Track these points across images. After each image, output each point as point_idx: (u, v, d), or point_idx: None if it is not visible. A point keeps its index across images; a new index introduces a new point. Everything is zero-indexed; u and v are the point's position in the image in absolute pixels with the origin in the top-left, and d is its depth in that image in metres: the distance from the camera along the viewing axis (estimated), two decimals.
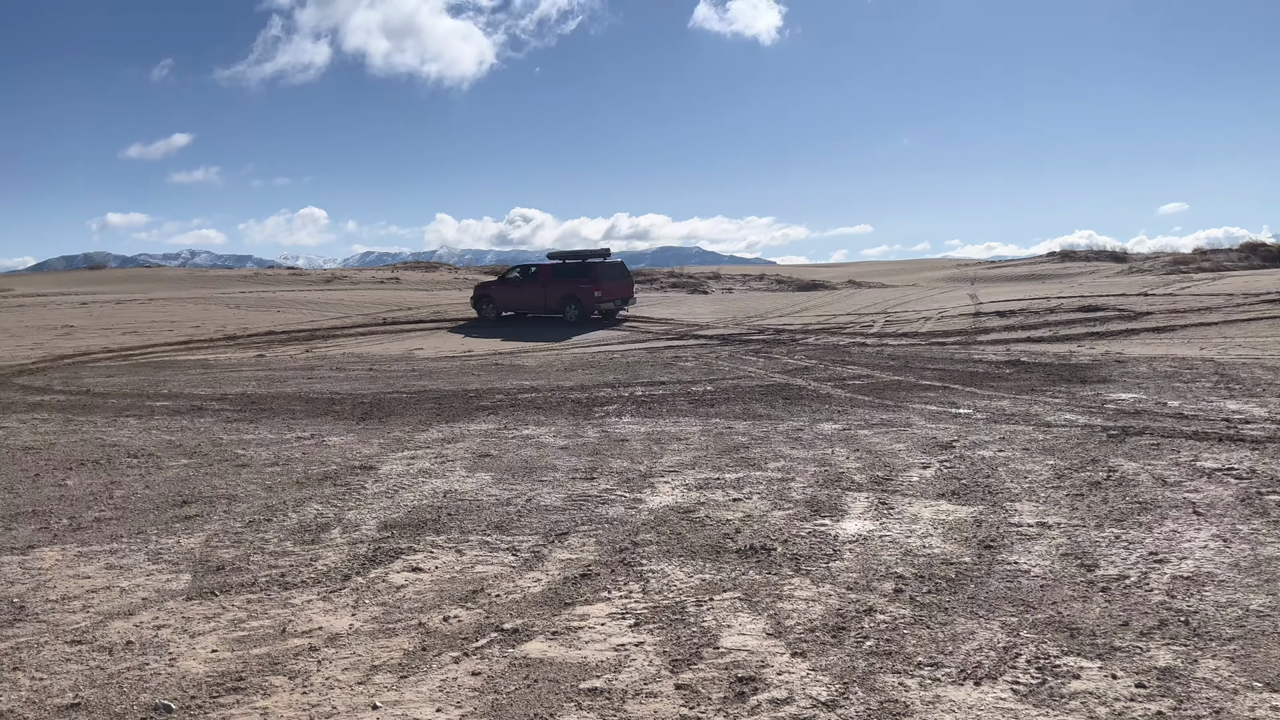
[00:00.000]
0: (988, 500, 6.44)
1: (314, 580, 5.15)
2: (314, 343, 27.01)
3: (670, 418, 10.86)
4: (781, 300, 37.00)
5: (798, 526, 5.93)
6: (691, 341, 23.13)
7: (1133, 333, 20.00)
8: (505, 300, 28.56)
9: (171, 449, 9.58)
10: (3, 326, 30.98)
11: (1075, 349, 17.72)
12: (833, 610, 4.40)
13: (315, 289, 43.64)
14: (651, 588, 4.83)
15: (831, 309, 31.37)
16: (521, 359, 19.93)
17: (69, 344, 26.60)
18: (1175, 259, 41.47)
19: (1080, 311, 23.35)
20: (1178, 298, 24.71)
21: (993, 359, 16.36)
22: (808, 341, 22.24)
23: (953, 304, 28.33)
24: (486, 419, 11.21)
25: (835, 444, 8.79)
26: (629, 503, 6.71)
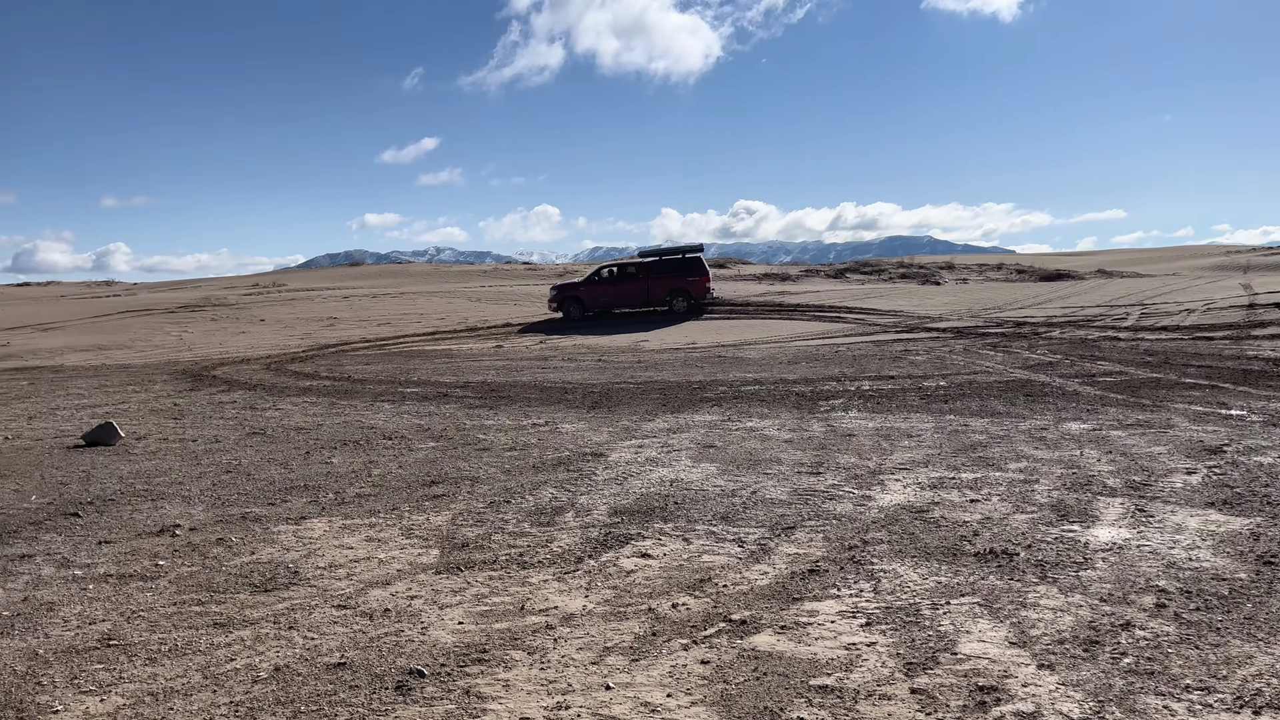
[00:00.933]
0: (1266, 512, 5.78)
1: (550, 561, 5.36)
2: (548, 334, 28.22)
3: (900, 413, 10.51)
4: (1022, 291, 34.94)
5: (1043, 531, 5.57)
6: (922, 334, 22.29)
7: None
8: (596, 299, 30.12)
9: (421, 432, 10.28)
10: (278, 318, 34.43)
11: None
12: (1084, 622, 4.09)
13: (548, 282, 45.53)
14: (883, 588, 4.68)
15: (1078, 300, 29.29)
16: (744, 352, 19.93)
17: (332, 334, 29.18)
18: None
19: None
20: None
21: (1271, 355, 14.71)
22: (1051, 335, 20.88)
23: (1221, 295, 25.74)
24: (710, 410, 11.29)
25: (1084, 445, 8.19)
26: (857, 499, 6.54)
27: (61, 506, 7.08)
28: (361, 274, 69.22)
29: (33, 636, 4.43)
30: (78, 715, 3.61)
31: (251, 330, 30.19)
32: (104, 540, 6.11)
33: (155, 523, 6.52)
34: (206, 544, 5.94)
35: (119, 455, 9.31)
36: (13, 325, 33.78)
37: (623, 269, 30.84)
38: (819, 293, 37.72)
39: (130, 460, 9.00)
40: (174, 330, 30.46)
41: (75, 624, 4.58)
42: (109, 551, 5.85)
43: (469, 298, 41.52)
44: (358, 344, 26.49)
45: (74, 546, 5.99)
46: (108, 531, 6.34)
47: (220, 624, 4.51)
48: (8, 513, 6.95)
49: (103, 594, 5.03)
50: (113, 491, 7.57)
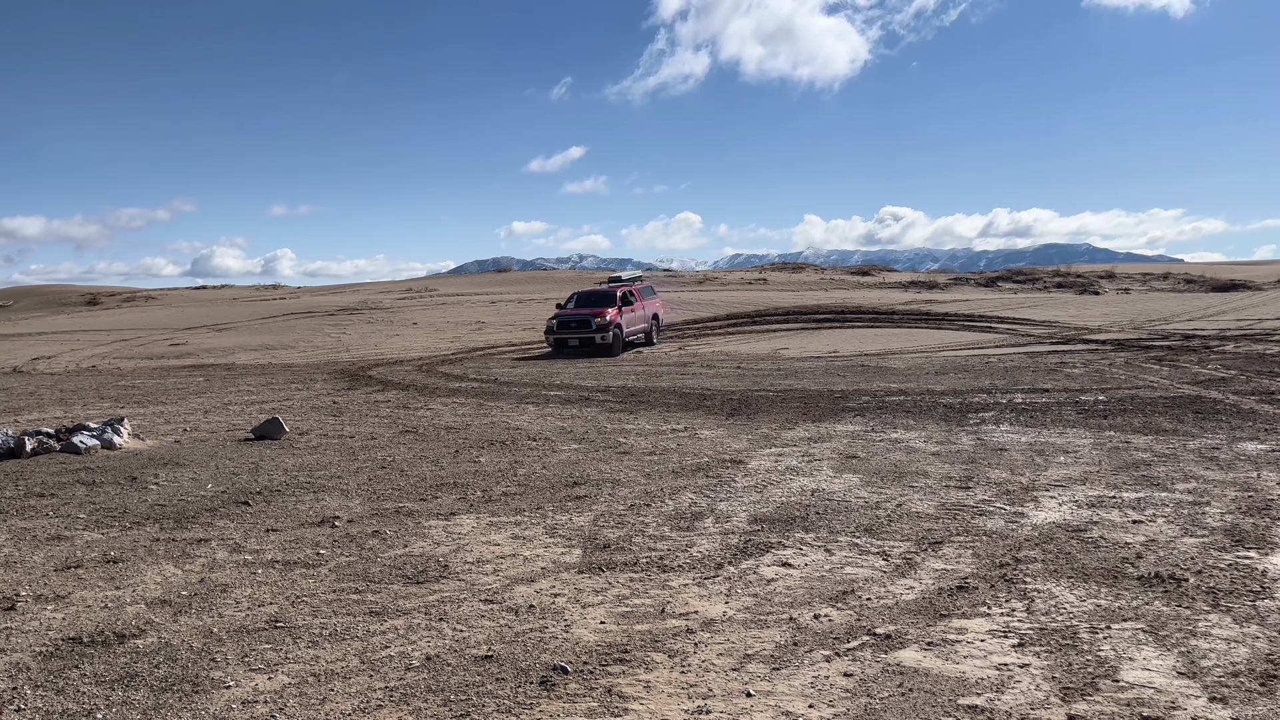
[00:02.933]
0: None
1: (690, 565, 5.38)
2: (685, 340, 28.32)
3: (1055, 428, 10.05)
4: (1191, 302, 32.87)
5: (1215, 557, 5.22)
6: (1080, 346, 21.26)
7: None
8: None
9: (564, 434, 10.50)
10: (429, 321, 35.81)
11: None
12: (1261, 655, 3.81)
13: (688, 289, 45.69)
14: (1037, 608, 4.48)
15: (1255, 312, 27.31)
16: (888, 361, 19.47)
17: (480, 338, 30.14)
18: None
19: None
20: None
21: None
22: (1224, 349, 19.54)
23: None
24: (853, 420, 11.08)
25: (1262, 466, 7.63)
26: (1009, 516, 6.29)
27: (234, 495, 7.57)
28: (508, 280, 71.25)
29: (208, 615, 4.75)
30: (247, 691, 3.85)
31: (404, 333, 31.51)
32: (271, 528, 6.50)
33: (316, 513, 6.89)
34: (363, 535, 6.23)
35: (284, 449, 9.88)
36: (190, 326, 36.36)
37: (592, 296, 25.84)
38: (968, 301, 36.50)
39: (294, 454, 9.54)
40: (333, 332, 32.12)
41: (246, 606, 4.88)
42: (275, 539, 6.21)
43: None
44: (504, 347, 27.27)
45: (245, 533, 6.39)
46: (274, 520, 6.74)
47: (376, 612, 4.72)
48: (186, 500, 7.47)
49: (270, 579, 5.34)
50: (279, 483, 8.04)
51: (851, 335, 26.78)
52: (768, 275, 57.38)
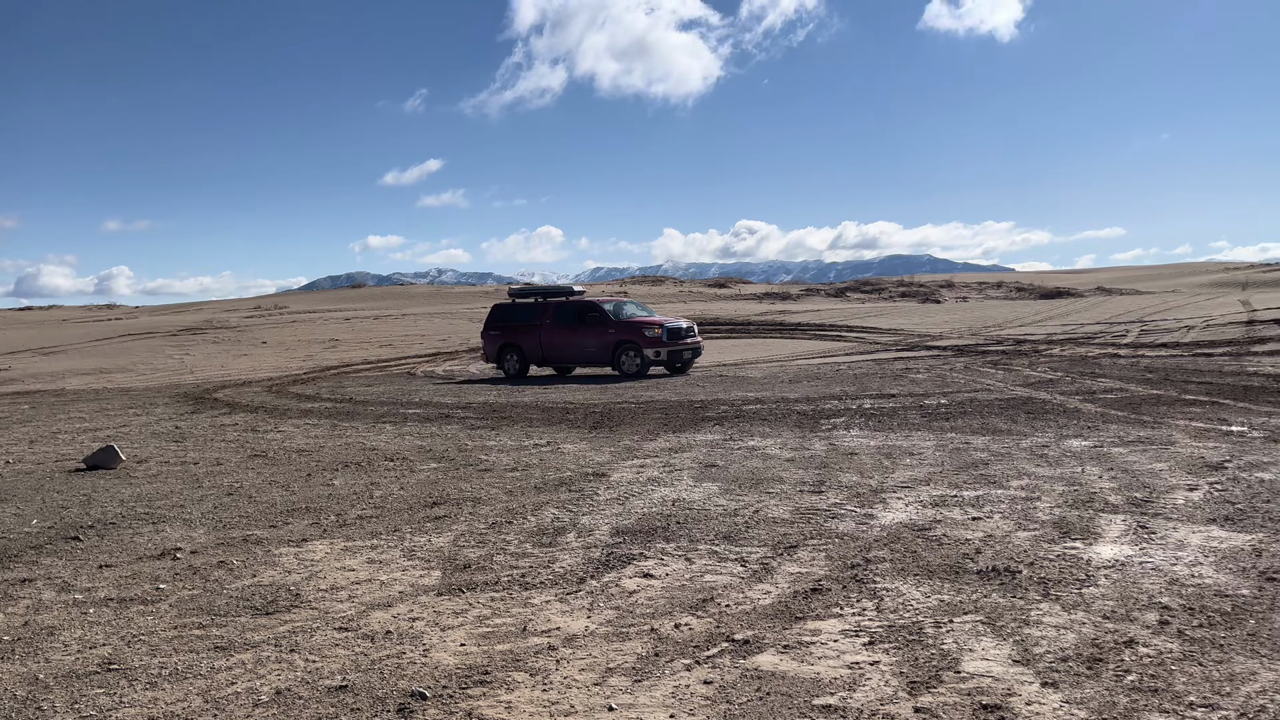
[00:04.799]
0: (1269, 528, 5.78)
1: (552, 581, 5.35)
2: None
3: (902, 431, 10.51)
4: (1022, 309, 34.98)
5: (1045, 549, 5.56)
6: (923, 352, 22.32)
7: None
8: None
9: (423, 453, 10.28)
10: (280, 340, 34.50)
11: None
12: (1088, 640, 4.08)
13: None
14: (886, 606, 4.67)
15: (1078, 318, 29.30)
16: (746, 371, 19.94)
17: (334, 356, 29.23)
18: None
19: None
20: None
21: (1271, 371, 14.72)
22: (1052, 352, 20.90)
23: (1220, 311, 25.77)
24: (712, 429, 11.29)
25: (1085, 462, 8.19)
26: (860, 518, 6.53)
27: (62, 530, 7.07)
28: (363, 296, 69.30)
29: (33, 661, 4.42)
30: None
31: (253, 353, 30.23)
32: (105, 564, 6.10)
33: (156, 546, 6.51)
34: (208, 567, 5.93)
35: (120, 479, 9.31)
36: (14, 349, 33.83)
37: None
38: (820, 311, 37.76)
39: (131, 483, 9.00)
40: (175, 353, 30.51)
41: (76, 648, 4.57)
42: (110, 575, 5.84)
43: (470, 319, 41.61)
44: (359, 365, 26.53)
45: (74, 570, 5.98)
46: (108, 555, 6.33)
47: (221, 647, 4.50)
48: (9, 537, 6.94)
49: (103, 618, 5.02)
50: (114, 515, 7.56)
51: (711, 346, 27.29)
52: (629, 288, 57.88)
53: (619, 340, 20.47)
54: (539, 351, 21.45)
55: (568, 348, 21.16)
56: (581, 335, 20.91)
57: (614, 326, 20.65)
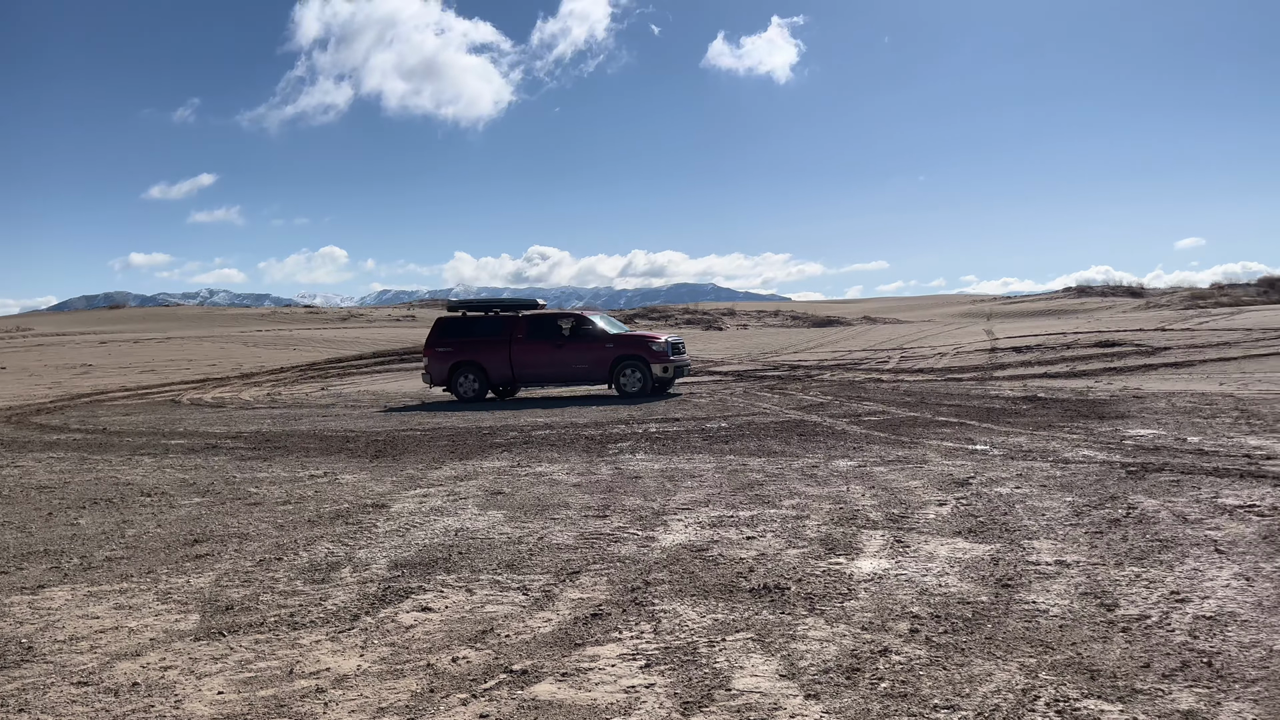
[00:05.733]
0: (1005, 538, 6.34)
1: (323, 620, 5.11)
2: (329, 380, 27.14)
3: (684, 454, 10.81)
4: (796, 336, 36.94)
5: (812, 565, 5.86)
6: (706, 378, 23.08)
7: (1151, 368, 19.85)
8: None
9: (185, 487, 9.58)
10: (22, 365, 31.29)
11: (1093, 385, 17.59)
12: (847, 651, 4.32)
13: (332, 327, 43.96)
14: (663, 628, 4.76)
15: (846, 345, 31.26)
16: (536, 395, 19.93)
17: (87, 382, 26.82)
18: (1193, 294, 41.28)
19: (1097, 347, 23.20)
20: (1196, 333, 24.53)
21: (1009, 395, 16.24)
22: (823, 377, 22.17)
23: (968, 340, 28.22)
24: (500, 456, 11.18)
25: (850, 481, 8.71)
26: (641, 541, 6.64)
27: None
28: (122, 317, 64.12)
29: None
30: None
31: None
32: None
33: None
34: None
35: None
36: None
37: None
38: None
39: None
40: None
41: None
42: None
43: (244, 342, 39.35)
44: (116, 393, 24.47)
45: None
46: None
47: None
48: None
49: None
50: None
51: None
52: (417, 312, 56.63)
53: (620, 356, 18.73)
54: (507, 370, 19.50)
55: (550, 365, 19.17)
56: (570, 351, 19.05)
57: (612, 340, 19.00)
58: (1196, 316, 30.49)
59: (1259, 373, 17.90)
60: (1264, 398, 14.09)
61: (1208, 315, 30.62)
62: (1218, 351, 21.14)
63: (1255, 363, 19.40)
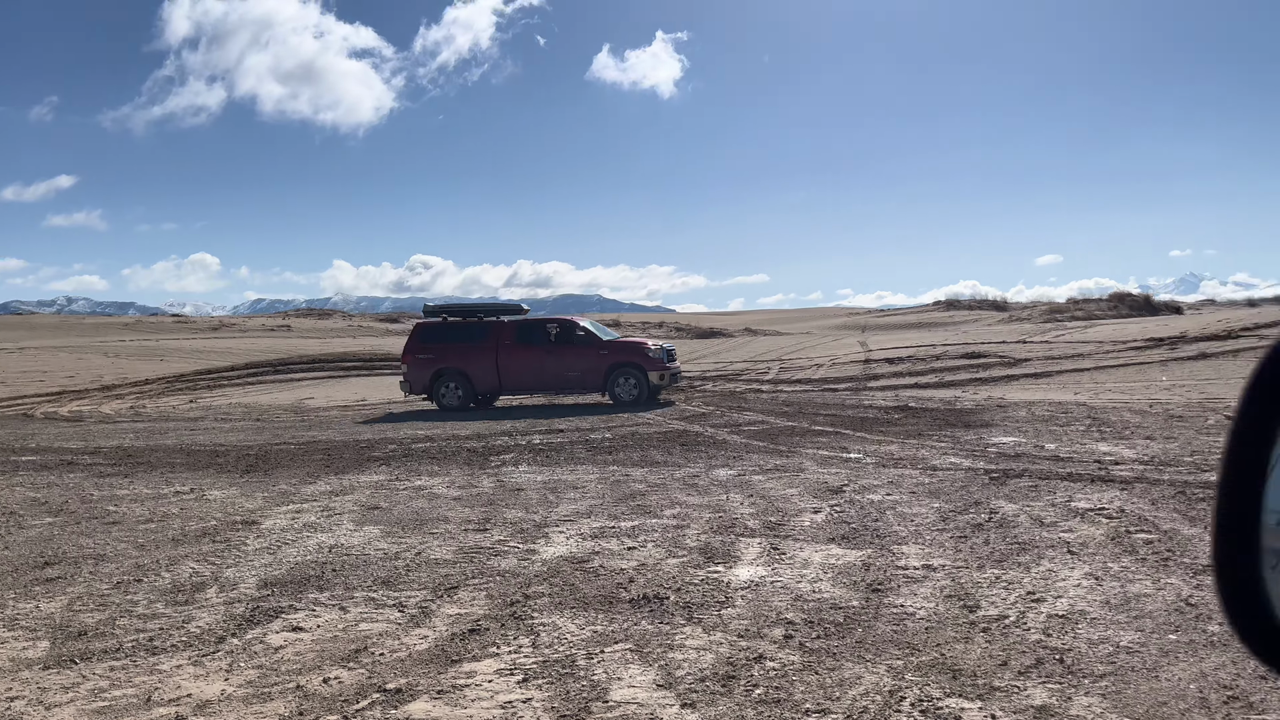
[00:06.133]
0: (876, 544, 6.56)
1: (185, 644, 4.89)
2: (198, 392, 26.06)
3: (567, 466, 10.79)
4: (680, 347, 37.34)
5: (691, 574, 5.92)
6: None
7: (1013, 378, 20.84)
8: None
9: (36, 506, 9.03)
10: None
11: (960, 394, 18.36)
12: (723, 659, 4.39)
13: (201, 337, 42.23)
14: (542, 641, 4.73)
15: (728, 356, 31.79)
16: (419, 407, 19.57)
17: None
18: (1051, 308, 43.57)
19: (964, 358, 24.23)
20: (1053, 345, 25.89)
21: (882, 404, 16.80)
22: (705, 388, 22.48)
23: (844, 351, 29.07)
24: (378, 470, 10.93)
25: (730, 490, 8.85)
26: (522, 554, 6.60)
27: None
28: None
29: None
30: None
31: None
32: None
33: None
34: None
35: None
36: None
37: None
38: None
39: None
40: None
41: None
42: None
43: (105, 353, 37.39)
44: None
45: None
46: None
47: None
48: None
49: None
50: None
51: (380, 382, 26.51)
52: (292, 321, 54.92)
53: (615, 363, 18.22)
54: (494, 378, 18.68)
55: (540, 373, 18.49)
56: (562, 358, 18.38)
57: (606, 347, 18.45)
58: (1054, 329, 32.22)
59: (1109, 383, 19.02)
60: (1113, 406, 14.99)
61: (1064, 328, 32.40)
62: (1073, 363, 22.38)
63: (1105, 373, 20.61)
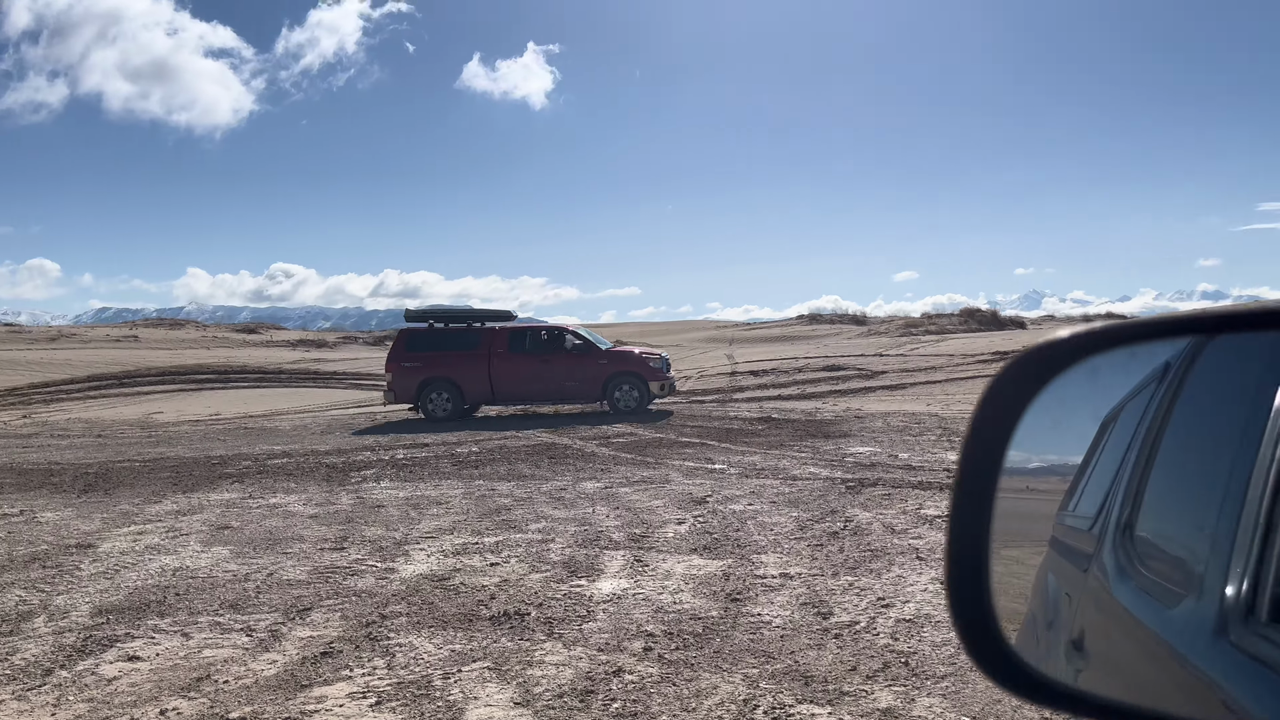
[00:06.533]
0: (736, 553, 6.68)
1: (9, 677, 4.55)
2: (33, 408, 24.45)
3: (431, 481, 10.59)
4: None
5: (554, 589, 5.89)
6: None
7: (870, 390, 21.64)
8: None
9: None
10: None
11: (820, 406, 18.93)
12: (582, 674, 4.38)
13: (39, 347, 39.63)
14: (397, 662, 4.62)
15: None
16: (275, 422, 18.88)
17: None
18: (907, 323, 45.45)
19: (825, 371, 25.02)
20: (908, 358, 27.03)
21: (747, 416, 17.16)
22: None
23: (712, 364, 29.59)
24: (230, 488, 10.47)
25: (596, 502, 8.86)
26: (380, 573, 6.43)
27: None
28: None
29: None
30: None
31: None
32: None
33: None
34: None
35: None
36: None
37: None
38: (358, 360, 37.00)
39: None
40: None
41: None
42: None
43: None
44: None
45: None
46: None
47: None
48: None
49: None
50: None
51: (236, 396, 25.47)
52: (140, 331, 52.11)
53: (614, 373, 17.82)
54: (486, 387, 18.03)
55: (536, 382, 17.93)
56: (559, 367, 17.88)
57: (605, 356, 18.03)
58: (909, 343, 33.65)
59: (959, 394, 19.97)
60: (963, 416, 15.74)
61: (919, 342, 33.87)
62: (926, 375, 23.41)
63: (956, 385, 21.64)
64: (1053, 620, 1.96)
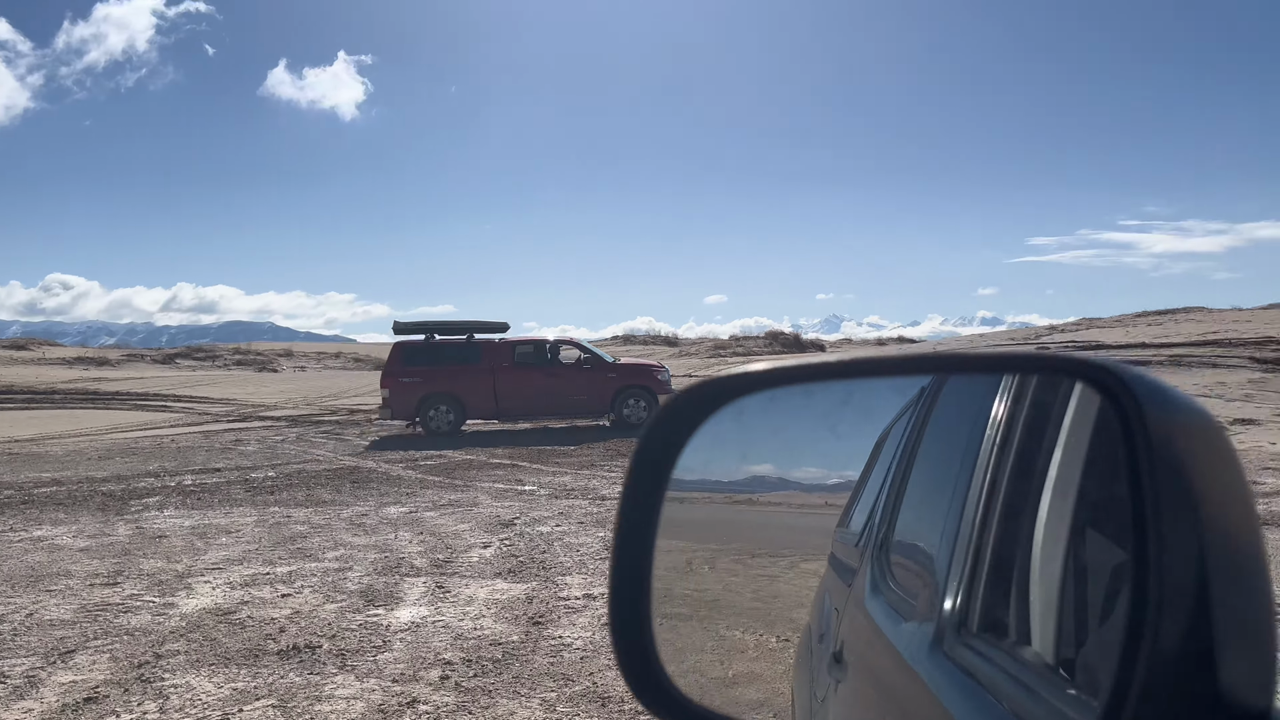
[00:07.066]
0: (541, 576, 6.65)
1: None
2: None
3: (222, 508, 9.98)
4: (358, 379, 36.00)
5: (349, 619, 5.67)
6: (256, 423, 21.64)
7: None
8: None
9: None
10: None
11: None
12: (375, 706, 4.23)
13: None
14: (171, 705, 4.31)
15: None
16: (46, 447, 17.32)
17: None
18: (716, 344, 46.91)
19: None
20: None
21: (559, 435, 17.17)
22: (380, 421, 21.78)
23: None
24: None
25: (400, 528, 8.61)
26: (157, 609, 5.99)
27: None
28: None
29: None
30: None
31: None
32: None
33: None
34: None
35: None
36: None
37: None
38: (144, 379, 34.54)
39: None
40: None
41: None
42: None
43: None
44: None
45: None
46: None
47: None
48: None
49: None
50: None
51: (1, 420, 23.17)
52: None
53: (623, 386, 17.40)
54: (490, 402, 17.42)
55: (542, 396, 17.40)
56: (565, 380, 17.47)
57: (614, 370, 17.58)
58: (718, 364, 34.75)
59: None
60: None
61: (727, 363, 35.02)
62: None
63: None
64: (824, 633, 2.05)
